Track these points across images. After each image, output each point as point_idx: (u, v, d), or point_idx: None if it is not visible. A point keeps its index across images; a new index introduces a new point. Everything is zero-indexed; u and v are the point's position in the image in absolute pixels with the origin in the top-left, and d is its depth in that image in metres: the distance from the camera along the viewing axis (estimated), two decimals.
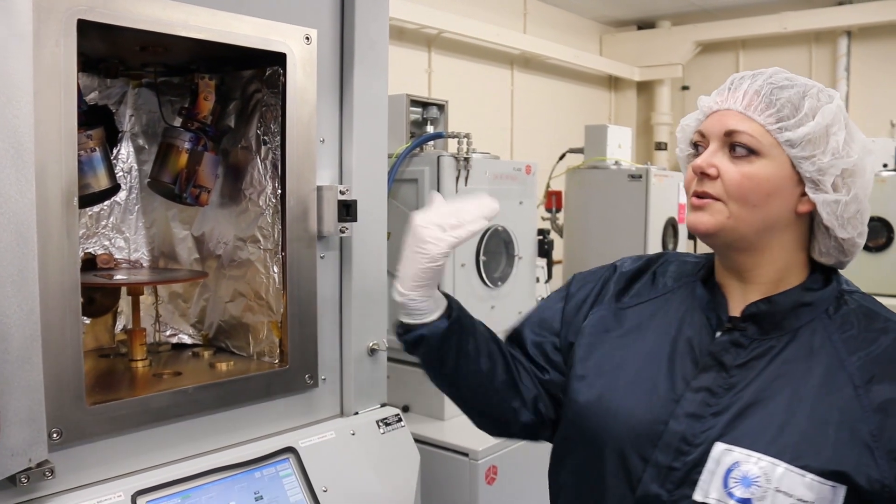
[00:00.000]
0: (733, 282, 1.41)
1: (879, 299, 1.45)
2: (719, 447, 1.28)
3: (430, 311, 1.45)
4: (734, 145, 1.31)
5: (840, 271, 1.43)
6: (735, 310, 1.39)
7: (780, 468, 1.23)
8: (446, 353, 1.48)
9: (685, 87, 8.40)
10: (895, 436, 1.22)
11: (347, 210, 1.89)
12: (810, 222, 1.36)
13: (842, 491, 1.22)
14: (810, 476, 1.22)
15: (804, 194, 1.32)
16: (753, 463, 1.25)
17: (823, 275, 1.39)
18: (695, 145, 1.40)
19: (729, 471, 1.26)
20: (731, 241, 1.34)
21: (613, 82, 8.54)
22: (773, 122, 1.29)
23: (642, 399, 1.38)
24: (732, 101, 1.33)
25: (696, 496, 1.28)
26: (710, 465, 1.28)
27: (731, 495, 1.25)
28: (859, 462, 1.22)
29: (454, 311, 1.48)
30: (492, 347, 1.54)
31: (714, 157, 1.32)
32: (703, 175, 1.32)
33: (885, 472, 1.21)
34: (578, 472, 1.46)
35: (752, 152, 1.30)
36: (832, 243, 1.36)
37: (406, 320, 1.47)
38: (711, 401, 1.32)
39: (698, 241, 5.35)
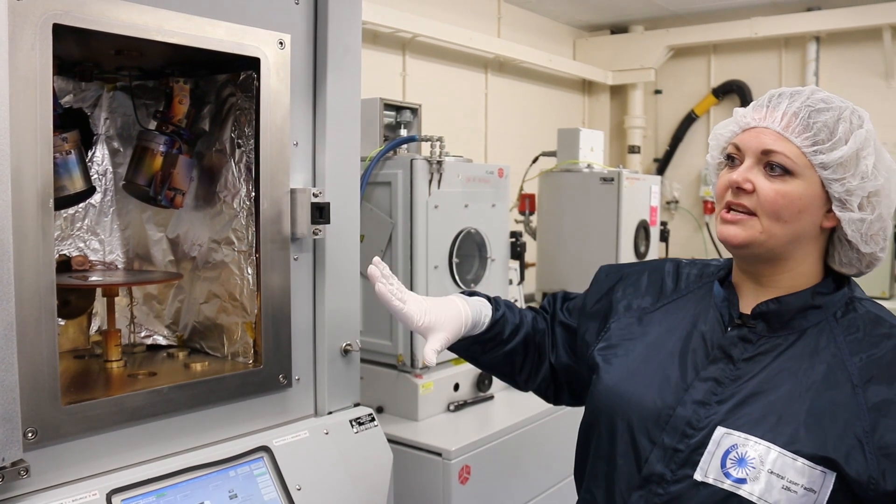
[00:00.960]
0: (749, 284, 1.50)
1: None
2: (720, 431, 1.37)
3: None
4: (770, 164, 1.38)
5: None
6: (747, 308, 1.48)
7: (774, 452, 1.31)
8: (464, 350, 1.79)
9: (658, 91, 8.49)
10: (886, 434, 1.29)
11: (320, 212, 1.91)
12: (830, 234, 1.44)
13: (831, 477, 1.28)
14: (801, 460, 1.29)
15: (829, 210, 1.40)
16: (750, 446, 1.33)
17: (836, 280, 1.47)
18: (728, 156, 1.47)
19: (727, 452, 1.35)
20: (759, 254, 1.42)
21: (587, 86, 8.60)
22: (809, 145, 1.36)
23: (654, 387, 1.48)
24: (771, 121, 1.40)
25: (697, 476, 1.36)
26: (710, 447, 1.37)
27: (727, 475, 1.33)
28: (850, 454, 1.28)
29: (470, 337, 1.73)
30: (503, 352, 1.78)
31: (750, 173, 1.39)
32: (738, 189, 1.39)
33: (873, 467, 1.27)
34: (595, 455, 1.56)
35: (787, 172, 1.37)
36: (854, 255, 1.44)
37: None
38: (717, 390, 1.41)
39: (669, 244, 5.42)
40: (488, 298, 1.79)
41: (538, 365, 1.80)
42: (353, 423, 2.05)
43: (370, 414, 2.10)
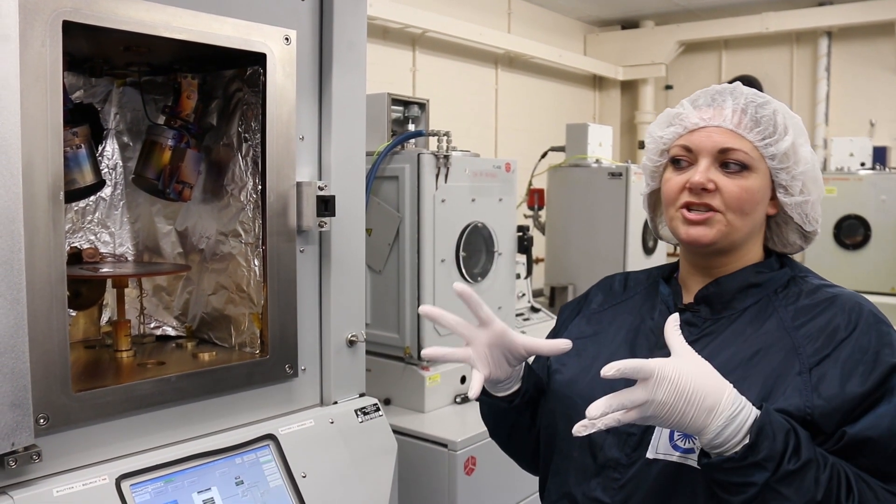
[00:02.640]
0: (697, 277, 1.53)
1: None
2: None
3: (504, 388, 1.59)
4: (727, 162, 1.42)
5: (811, 267, 1.55)
6: (692, 299, 1.52)
7: None
8: (500, 421, 1.71)
9: (668, 87, 8.49)
10: (831, 383, 1.31)
11: (326, 205, 1.94)
12: (767, 220, 1.50)
13: None
14: None
15: (773, 198, 1.46)
16: None
17: (778, 261, 1.52)
18: (674, 158, 1.48)
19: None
20: (722, 247, 1.46)
21: (598, 82, 8.61)
22: (760, 140, 1.42)
23: (605, 381, 1.47)
24: (721, 119, 1.44)
25: (648, 454, 1.40)
26: None
27: (675, 447, 1.37)
28: (788, 409, 1.30)
29: (519, 396, 1.60)
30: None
31: (710, 173, 1.42)
32: (702, 190, 1.42)
33: (811, 405, 1.30)
34: (556, 453, 1.59)
35: (744, 168, 1.42)
36: (795, 236, 1.51)
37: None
38: None
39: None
40: None
41: None
42: (358, 412, 2.08)
43: (375, 404, 2.13)
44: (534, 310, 4.20)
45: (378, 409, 2.13)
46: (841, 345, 1.34)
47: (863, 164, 6.10)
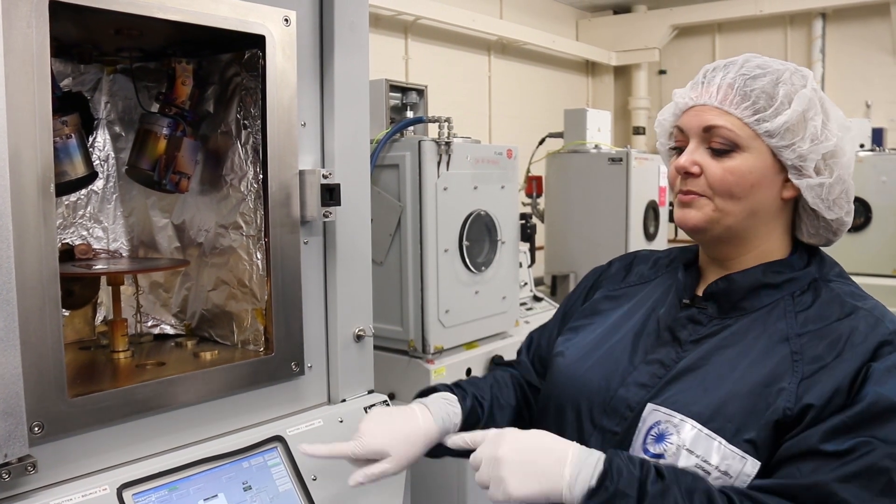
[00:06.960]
0: (713, 267, 1.45)
1: (858, 279, 1.45)
2: (649, 408, 1.34)
3: None
4: (715, 140, 1.33)
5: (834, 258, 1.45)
6: None
7: (690, 427, 1.27)
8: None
9: (662, 72, 8.43)
10: (811, 394, 1.22)
11: (330, 194, 1.85)
12: (794, 205, 1.39)
13: (752, 464, 1.22)
14: (719, 440, 1.25)
15: (787, 180, 1.34)
16: (672, 423, 1.29)
17: (807, 257, 1.41)
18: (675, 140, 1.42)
19: (650, 429, 1.32)
20: (719, 234, 1.37)
21: (591, 67, 8.54)
22: (750, 115, 1.31)
23: (602, 371, 1.45)
24: (707, 96, 1.35)
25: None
26: (640, 425, 1.34)
27: (646, 451, 1.31)
28: (774, 426, 1.23)
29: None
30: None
31: (695, 155, 1.34)
32: (687, 174, 1.34)
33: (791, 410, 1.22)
34: None
35: (733, 147, 1.32)
36: (821, 224, 1.38)
37: None
38: (661, 372, 1.37)
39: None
40: (451, 390, 1.70)
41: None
42: (368, 410, 1.99)
43: (385, 401, 2.05)
44: (536, 299, 4.13)
45: (388, 406, 2.04)
46: (841, 355, 1.24)
47: (862, 146, 6.04)
